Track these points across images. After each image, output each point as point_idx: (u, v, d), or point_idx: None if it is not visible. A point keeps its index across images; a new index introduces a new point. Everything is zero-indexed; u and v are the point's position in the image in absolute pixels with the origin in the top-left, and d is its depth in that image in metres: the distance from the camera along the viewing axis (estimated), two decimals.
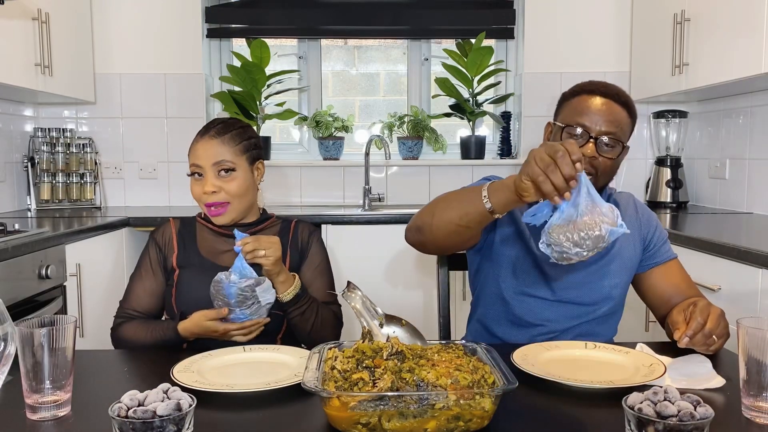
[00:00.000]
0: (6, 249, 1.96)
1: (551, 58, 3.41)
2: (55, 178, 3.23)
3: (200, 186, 1.54)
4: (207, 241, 1.61)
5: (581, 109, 1.43)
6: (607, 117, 1.42)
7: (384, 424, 0.90)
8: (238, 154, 1.56)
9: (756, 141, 2.84)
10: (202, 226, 1.63)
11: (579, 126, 1.42)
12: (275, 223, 1.67)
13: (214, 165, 1.53)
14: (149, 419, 0.84)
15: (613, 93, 1.46)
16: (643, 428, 0.84)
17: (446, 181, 3.50)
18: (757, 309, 1.82)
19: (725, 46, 2.49)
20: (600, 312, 1.50)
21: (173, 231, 1.64)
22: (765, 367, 0.95)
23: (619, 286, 1.52)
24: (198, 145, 1.55)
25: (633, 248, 1.53)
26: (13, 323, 0.91)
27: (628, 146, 1.47)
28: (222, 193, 1.54)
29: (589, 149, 1.40)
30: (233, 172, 1.55)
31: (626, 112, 1.45)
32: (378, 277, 2.87)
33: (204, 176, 1.54)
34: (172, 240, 1.62)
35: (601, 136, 1.41)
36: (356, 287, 1.24)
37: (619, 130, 1.42)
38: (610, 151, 1.42)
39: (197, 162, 1.54)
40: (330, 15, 3.47)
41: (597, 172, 1.42)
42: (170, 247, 1.61)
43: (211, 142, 1.54)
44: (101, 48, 3.35)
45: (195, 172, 1.56)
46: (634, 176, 3.46)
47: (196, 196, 1.56)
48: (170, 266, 1.59)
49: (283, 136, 3.74)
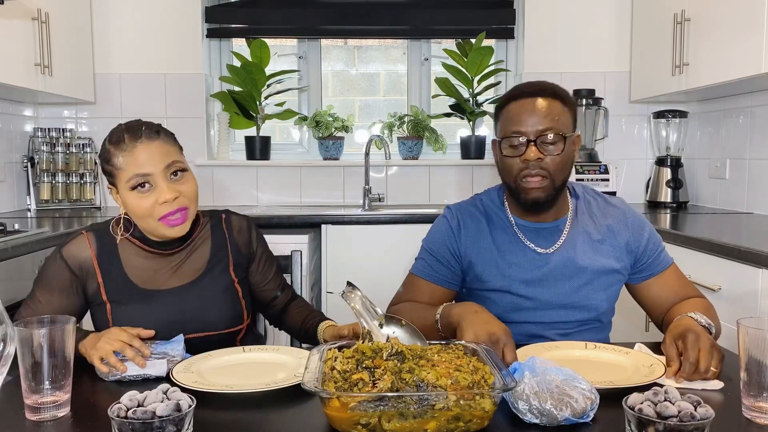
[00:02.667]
0: (6, 249, 1.96)
1: (551, 58, 3.41)
2: (55, 178, 3.23)
3: (151, 197, 1.31)
4: (135, 265, 1.39)
5: (512, 117, 1.42)
6: (539, 115, 1.39)
7: (384, 425, 0.90)
8: (181, 153, 1.39)
9: (756, 141, 2.84)
10: (125, 245, 1.40)
11: (514, 134, 1.41)
12: (203, 223, 1.48)
13: (167, 168, 1.32)
14: (149, 420, 0.84)
15: (538, 89, 1.42)
16: (643, 428, 0.84)
17: (446, 181, 3.50)
18: (757, 309, 1.81)
19: (725, 46, 2.49)
20: (590, 326, 1.49)
21: (92, 254, 1.39)
22: (765, 367, 0.95)
23: (605, 303, 1.49)
24: (136, 151, 1.31)
25: (618, 261, 1.48)
26: (13, 324, 0.91)
27: (578, 134, 1.45)
28: (181, 197, 1.33)
29: (532, 153, 1.38)
30: (185, 173, 1.37)
31: (558, 101, 1.41)
32: (378, 277, 2.86)
33: (154, 185, 1.32)
34: (92, 265, 1.38)
35: (540, 136, 1.38)
36: (356, 287, 1.24)
37: (557, 122, 1.39)
38: (554, 147, 1.39)
39: (142, 171, 1.30)
40: (330, 15, 3.47)
41: (550, 172, 1.40)
42: (90, 274, 1.38)
43: (154, 144, 1.32)
44: (101, 48, 3.35)
45: (141, 183, 1.31)
46: (634, 176, 3.46)
47: (147, 212, 1.32)
48: (94, 297, 1.38)
49: (283, 136, 3.74)
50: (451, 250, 1.51)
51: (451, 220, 1.54)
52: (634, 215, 1.54)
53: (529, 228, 1.49)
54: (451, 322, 1.28)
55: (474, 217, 1.52)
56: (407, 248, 1.61)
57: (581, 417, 0.94)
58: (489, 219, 1.52)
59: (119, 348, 1.17)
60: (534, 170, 1.39)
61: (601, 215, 1.52)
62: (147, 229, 1.38)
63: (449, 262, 1.51)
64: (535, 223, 1.48)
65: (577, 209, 1.52)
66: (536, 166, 1.39)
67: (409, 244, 1.62)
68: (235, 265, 1.49)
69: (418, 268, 1.55)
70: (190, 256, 1.45)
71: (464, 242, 1.50)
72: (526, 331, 1.46)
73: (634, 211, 1.56)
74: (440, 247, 1.52)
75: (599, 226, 1.50)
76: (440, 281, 1.52)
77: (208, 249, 1.47)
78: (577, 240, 1.48)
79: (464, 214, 1.53)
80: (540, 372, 0.97)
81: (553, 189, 1.41)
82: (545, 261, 1.46)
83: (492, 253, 1.48)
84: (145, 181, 1.31)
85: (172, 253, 1.43)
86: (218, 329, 1.42)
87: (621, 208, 1.55)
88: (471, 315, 1.25)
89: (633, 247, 1.50)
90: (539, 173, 1.39)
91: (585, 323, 1.48)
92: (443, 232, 1.53)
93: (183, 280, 1.42)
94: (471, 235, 1.51)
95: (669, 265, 1.52)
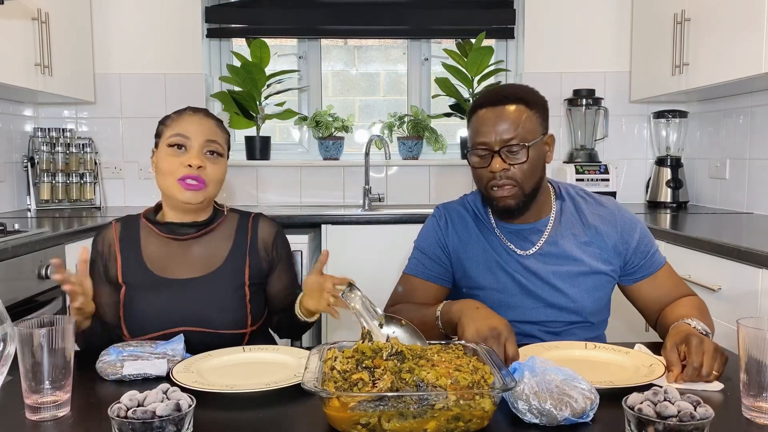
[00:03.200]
0: (6, 249, 1.96)
1: (551, 58, 3.41)
2: (55, 178, 3.23)
3: (180, 158, 1.40)
4: (153, 251, 1.45)
5: (476, 128, 1.43)
6: (500, 125, 1.39)
7: (384, 425, 0.90)
8: (225, 144, 1.48)
9: (756, 141, 2.84)
10: (147, 231, 1.47)
11: (478, 146, 1.41)
12: (229, 217, 1.53)
13: (206, 142, 1.42)
14: (149, 419, 0.84)
15: (501, 96, 1.42)
16: (643, 428, 0.84)
17: (446, 181, 3.50)
18: (757, 309, 1.81)
19: (725, 46, 2.49)
20: (579, 326, 1.49)
21: (115, 236, 1.47)
22: (765, 367, 0.95)
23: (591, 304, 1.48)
24: (186, 118, 1.43)
25: (605, 263, 1.48)
26: (13, 323, 0.91)
27: (549, 135, 1.46)
28: (205, 171, 1.41)
29: (497, 164, 1.39)
30: (220, 158, 1.45)
31: (523, 105, 1.41)
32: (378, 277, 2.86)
33: (188, 149, 1.41)
34: (114, 247, 1.47)
35: (504, 147, 1.39)
36: (356, 287, 1.24)
37: (520, 130, 1.38)
38: (519, 156, 1.39)
39: (184, 132, 1.41)
40: (330, 15, 3.47)
41: (517, 181, 1.40)
42: (112, 256, 1.46)
43: (205, 120, 1.45)
44: (101, 48, 3.35)
45: (178, 144, 1.41)
46: (634, 176, 3.46)
47: (170, 169, 1.40)
48: (114, 279, 1.45)
49: (283, 136, 3.74)
50: (441, 247, 1.54)
51: (439, 218, 1.57)
52: (625, 216, 1.52)
53: (509, 230, 1.50)
54: (452, 319, 1.29)
55: (461, 215, 1.55)
56: (407, 248, 1.61)
57: (581, 417, 0.94)
58: (475, 218, 1.54)
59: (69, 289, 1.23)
60: (500, 180, 1.40)
61: (590, 216, 1.51)
62: (165, 190, 1.43)
63: (440, 258, 1.54)
64: (515, 224, 1.49)
65: (562, 210, 1.51)
66: (503, 176, 1.40)
67: (409, 244, 1.62)
68: (251, 269, 1.48)
69: (411, 267, 1.57)
70: (207, 248, 1.47)
71: (452, 239, 1.53)
72: (516, 330, 1.44)
73: (625, 211, 1.54)
74: (431, 244, 1.55)
75: (587, 228, 1.49)
76: (433, 278, 1.54)
77: (228, 247, 1.48)
78: (559, 241, 1.47)
79: (452, 212, 1.56)
80: (540, 372, 0.98)
81: (523, 196, 1.42)
82: (524, 262, 1.47)
83: (478, 252, 1.50)
84: (182, 143, 1.41)
85: (188, 239, 1.46)
86: (217, 328, 1.41)
87: (611, 208, 1.53)
88: (472, 311, 1.26)
89: (621, 249, 1.49)
90: (506, 183, 1.40)
91: (573, 323, 1.48)
92: (433, 230, 1.56)
93: (195, 272, 1.44)
94: (458, 232, 1.53)
95: (661, 266, 1.51)
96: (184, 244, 1.46)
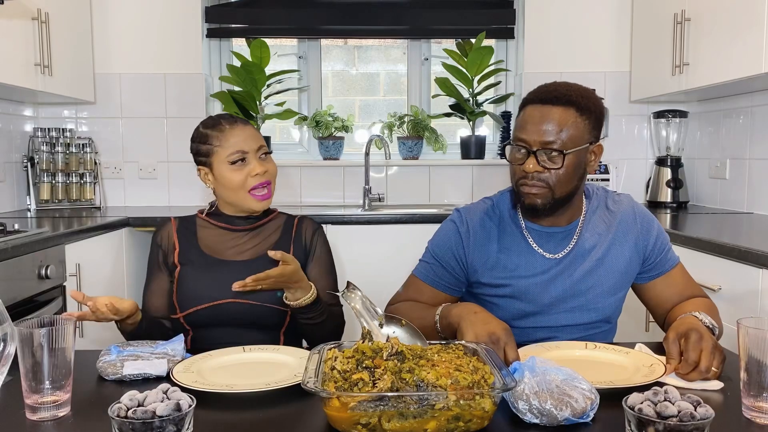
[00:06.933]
0: (6, 249, 1.96)
1: (551, 58, 3.41)
2: (55, 178, 3.23)
3: (244, 171, 1.56)
4: (209, 238, 1.61)
5: (520, 123, 1.38)
6: (543, 125, 1.33)
7: (384, 425, 0.90)
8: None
9: (756, 141, 2.84)
10: (204, 224, 1.63)
11: (518, 142, 1.37)
12: (278, 217, 1.67)
13: (259, 149, 1.58)
14: (149, 419, 0.83)
15: (552, 96, 1.35)
16: (643, 428, 0.84)
17: (446, 181, 3.50)
18: (757, 309, 1.81)
19: (725, 46, 2.49)
20: (598, 330, 1.48)
21: (173, 228, 1.64)
22: (765, 367, 0.95)
23: (614, 305, 1.47)
24: (236, 132, 1.57)
25: (628, 262, 1.46)
26: (13, 323, 0.91)
27: (598, 144, 1.40)
28: (267, 173, 1.58)
29: (530, 165, 1.34)
30: (270, 156, 1.62)
31: (573, 109, 1.34)
32: (378, 277, 2.87)
33: (248, 161, 1.56)
34: (173, 237, 1.62)
35: (540, 149, 1.33)
36: (356, 287, 1.24)
37: (563, 135, 1.32)
38: (554, 162, 1.34)
39: (241, 148, 1.55)
40: (330, 15, 3.47)
41: (550, 184, 1.35)
42: (171, 245, 1.61)
43: (248, 129, 1.59)
44: (101, 48, 3.35)
45: (240, 159, 1.56)
46: (634, 176, 3.46)
47: (239, 183, 1.55)
48: (171, 263, 1.59)
49: (283, 136, 3.74)
50: (456, 257, 1.48)
51: (460, 225, 1.48)
52: (643, 213, 1.50)
53: (540, 232, 1.45)
54: (451, 323, 1.28)
55: (483, 223, 1.47)
56: (407, 248, 1.62)
57: (581, 417, 0.94)
58: (500, 224, 1.48)
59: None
60: (531, 181, 1.36)
61: (613, 215, 1.48)
62: (236, 202, 1.58)
63: (454, 269, 1.48)
64: (548, 227, 1.44)
65: (591, 210, 1.48)
66: (535, 176, 1.35)
67: (409, 244, 1.62)
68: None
69: (421, 271, 1.52)
70: (256, 239, 1.60)
71: (472, 250, 1.46)
72: (534, 336, 1.43)
73: (641, 207, 1.52)
74: (446, 252, 1.49)
75: (610, 226, 1.47)
76: (442, 287, 1.49)
77: (274, 239, 1.62)
78: (587, 244, 1.45)
79: (474, 220, 1.48)
80: (540, 372, 0.97)
81: (552, 199, 1.37)
82: (553, 266, 1.43)
83: (498, 260, 1.45)
84: (242, 157, 1.55)
85: (241, 230, 1.61)
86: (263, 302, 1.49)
87: (629, 204, 1.51)
88: (471, 315, 1.24)
89: (641, 246, 1.47)
90: (536, 184, 1.36)
91: (593, 326, 1.46)
92: (450, 238, 1.49)
93: (242, 257, 1.57)
94: (479, 243, 1.46)
95: (676, 264, 1.49)
96: (237, 234, 1.61)
